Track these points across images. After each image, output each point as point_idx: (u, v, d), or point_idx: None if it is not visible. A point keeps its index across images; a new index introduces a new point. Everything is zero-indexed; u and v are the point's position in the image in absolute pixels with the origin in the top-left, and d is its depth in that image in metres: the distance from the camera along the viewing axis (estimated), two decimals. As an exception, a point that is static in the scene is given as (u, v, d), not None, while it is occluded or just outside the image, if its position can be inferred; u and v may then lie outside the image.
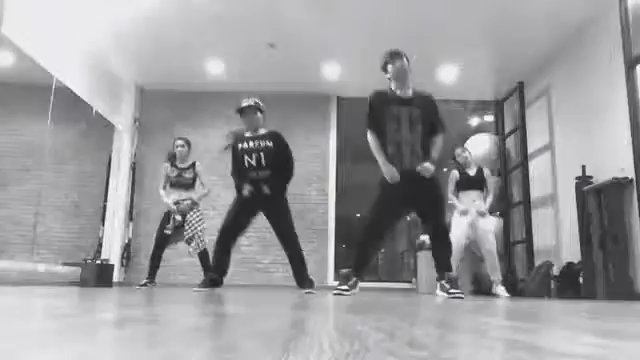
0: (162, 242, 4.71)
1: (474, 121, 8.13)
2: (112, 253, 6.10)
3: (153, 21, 5.20)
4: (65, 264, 5.14)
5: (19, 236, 6.30)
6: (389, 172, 3.39)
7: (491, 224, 5.19)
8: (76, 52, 5.48)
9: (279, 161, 4.08)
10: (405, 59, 3.51)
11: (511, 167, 6.53)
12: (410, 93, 3.53)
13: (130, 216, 6.45)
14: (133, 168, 6.60)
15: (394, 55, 3.51)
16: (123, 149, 6.56)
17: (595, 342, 0.82)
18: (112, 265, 5.14)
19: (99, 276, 4.71)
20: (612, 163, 4.42)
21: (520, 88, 6.28)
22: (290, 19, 5.15)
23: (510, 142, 6.74)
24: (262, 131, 4.19)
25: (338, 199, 6.76)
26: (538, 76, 6.00)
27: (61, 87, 5.29)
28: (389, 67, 3.51)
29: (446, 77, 6.32)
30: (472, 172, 5.24)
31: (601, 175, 4.51)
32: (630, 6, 4.35)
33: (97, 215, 6.41)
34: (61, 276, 4.85)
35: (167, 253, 5.02)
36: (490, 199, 5.14)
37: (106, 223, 6.28)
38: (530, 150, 6.10)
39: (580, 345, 0.78)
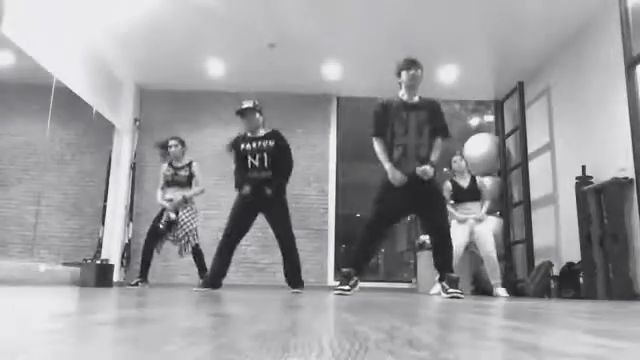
0: (154, 236, 4.70)
1: (474, 121, 8.14)
2: (112, 253, 6.09)
3: (153, 21, 5.20)
4: (65, 264, 5.14)
5: (19, 236, 6.29)
6: (395, 176, 3.47)
7: (489, 228, 5.20)
8: (76, 52, 5.48)
9: (280, 160, 4.10)
10: (420, 70, 3.62)
11: (511, 167, 6.53)
12: (416, 99, 3.64)
13: (130, 216, 6.45)
14: (133, 168, 6.60)
15: (411, 63, 3.62)
16: (123, 149, 6.56)
17: (595, 342, 0.82)
18: (112, 265, 5.14)
19: (99, 276, 4.71)
20: (612, 163, 4.42)
21: (520, 88, 6.27)
22: (290, 19, 5.15)
23: (510, 142, 6.74)
24: (262, 131, 4.23)
25: (338, 199, 6.76)
26: (538, 76, 6.00)
27: (61, 87, 5.29)
28: (403, 74, 3.62)
29: (446, 77, 6.32)
30: (465, 183, 5.26)
31: (601, 175, 4.51)
32: (630, 6, 4.35)
33: (97, 215, 6.41)
34: (61, 276, 4.85)
35: (167, 253, 5.02)
36: (486, 207, 5.19)
37: (106, 223, 6.28)
38: (530, 150, 6.09)
39: (580, 345, 0.78)
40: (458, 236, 4.92)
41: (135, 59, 6.14)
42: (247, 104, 4.21)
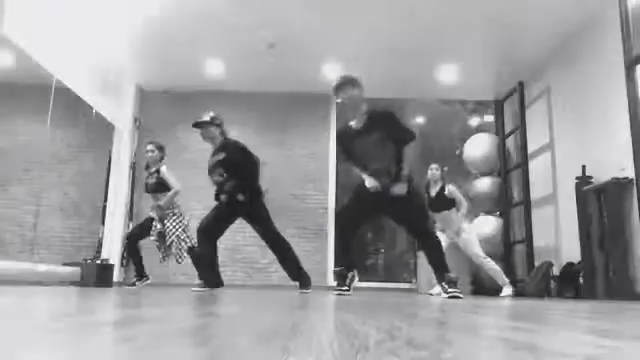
0: (137, 233, 4.71)
1: (474, 121, 8.14)
2: (112, 253, 6.09)
3: (153, 21, 5.20)
4: (65, 264, 5.14)
5: (19, 236, 6.29)
6: (371, 182, 3.38)
7: (472, 241, 5.11)
8: (76, 52, 5.48)
9: (239, 167, 4.07)
10: (355, 89, 3.34)
11: (511, 167, 6.53)
12: (364, 120, 3.38)
13: (130, 216, 6.45)
14: (133, 168, 6.60)
15: (338, 89, 3.35)
16: (123, 149, 6.56)
17: (595, 342, 0.82)
18: (112, 265, 5.14)
19: (99, 276, 4.71)
20: (612, 163, 4.42)
21: (520, 88, 6.28)
22: (290, 19, 5.15)
23: (510, 142, 6.73)
24: (218, 144, 4.21)
25: (338, 199, 6.76)
26: (538, 76, 6.00)
27: (61, 87, 5.29)
28: (337, 100, 3.41)
29: (446, 77, 6.32)
30: (433, 192, 5.19)
31: (601, 175, 4.51)
32: (630, 6, 4.35)
33: (97, 215, 6.40)
34: (61, 276, 4.84)
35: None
36: (462, 212, 5.10)
37: (106, 223, 6.28)
38: (530, 150, 6.09)
39: (580, 345, 0.78)
40: (441, 238, 4.93)
41: (135, 59, 6.14)
42: (204, 117, 4.20)
